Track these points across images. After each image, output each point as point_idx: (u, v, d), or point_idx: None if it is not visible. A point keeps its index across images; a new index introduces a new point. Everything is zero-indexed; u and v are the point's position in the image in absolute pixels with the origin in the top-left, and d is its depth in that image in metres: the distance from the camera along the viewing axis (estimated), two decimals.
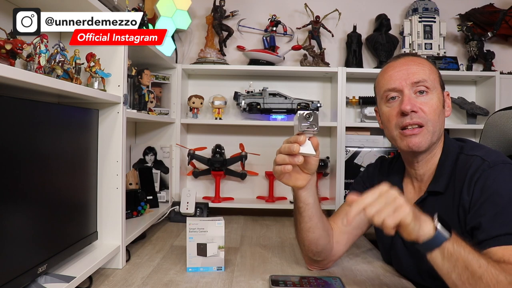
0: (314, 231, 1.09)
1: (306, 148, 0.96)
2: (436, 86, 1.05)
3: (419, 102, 1.02)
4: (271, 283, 1.04)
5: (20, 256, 0.82)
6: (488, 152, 1.01)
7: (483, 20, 2.16)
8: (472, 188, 0.95)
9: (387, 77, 1.07)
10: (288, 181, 1.02)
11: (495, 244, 0.86)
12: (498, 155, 1.00)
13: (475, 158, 0.99)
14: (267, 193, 2.14)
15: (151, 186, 1.84)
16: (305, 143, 0.96)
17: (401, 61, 1.08)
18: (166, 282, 1.08)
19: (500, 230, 0.86)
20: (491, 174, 0.94)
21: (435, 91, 1.04)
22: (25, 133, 0.84)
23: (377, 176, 1.23)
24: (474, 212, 0.93)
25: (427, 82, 1.03)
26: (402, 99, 1.03)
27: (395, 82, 1.05)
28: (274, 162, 1.00)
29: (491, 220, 0.89)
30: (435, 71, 1.08)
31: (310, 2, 2.16)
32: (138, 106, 1.57)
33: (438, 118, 1.03)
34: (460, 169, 1.01)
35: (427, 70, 1.05)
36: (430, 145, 1.04)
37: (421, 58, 1.10)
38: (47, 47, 0.91)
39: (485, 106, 2.09)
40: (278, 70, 2.10)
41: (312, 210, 1.07)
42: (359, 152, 2.07)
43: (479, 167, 0.96)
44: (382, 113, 1.11)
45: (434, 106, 1.02)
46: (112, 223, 1.22)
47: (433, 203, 1.03)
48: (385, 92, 1.07)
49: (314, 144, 0.97)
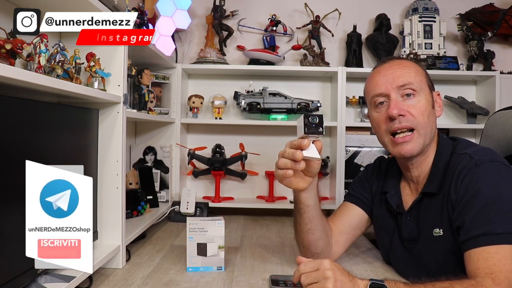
0: (314, 233, 1.09)
1: (310, 152, 0.94)
2: (423, 87, 1.04)
3: (407, 105, 1.01)
4: (271, 283, 1.04)
5: (20, 256, 0.82)
6: (477, 150, 1.00)
7: (483, 19, 2.16)
8: (458, 186, 0.95)
9: (373, 83, 1.08)
10: (290, 184, 1.02)
11: (473, 246, 0.87)
12: (486, 153, 0.99)
13: (464, 156, 0.99)
14: (267, 193, 2.14)
15: (151, 186, 1.84)
16: (309, 147, 0.94)
17: (386, 65, 1.09)
18: (166, 282, 1.08)
19: (478, 230, 0.87)
20: (477, 172, 0.94)
21: (422, 93, 1.04)
22: (25, 133, 0.84)
23: (375, 178, 1.23)
24: (458, 211, 0.94)
25: (413, 84, 1.02)
26: (389, 103, 1.03)
27: (381, 87, 1.05)
28: (276, 165, 0.99)
29: (472, 219, 0.89)
30: (421, 72, 1.07)
31: (310, 2, 2.16)
32: (138, 105, 1.57)
33: (427, 119, 1.02)
34: (451, 168, 1.01)
35: (413, 72, 1.05)
36: (423, 148, 1.03)
37: (406, 61, 1.10)
38: (47, 47, 0.91)
39: (485, 106, 2.09)
40: (278, 70, 2.10)
41: (312, 212, 1.07)
42: (359, 152, 2.07)
43: (466, 165, 0.96)
44: (371, 119, 1.11)
45: (422, 108, 1.02)
46: (112, 222, 1.22)
47: (428, 204, 1.04)
48: (373, 98, 1.07)
49: (318, 147, 0.96)
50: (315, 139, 0.96)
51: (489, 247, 0.85)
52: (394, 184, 1.15)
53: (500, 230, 0.85)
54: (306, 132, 0.93)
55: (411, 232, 1.07)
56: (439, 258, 1.00)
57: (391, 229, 1.14)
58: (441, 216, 0.99)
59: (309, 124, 0.93)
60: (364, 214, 1.22)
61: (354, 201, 1.23)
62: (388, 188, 1.16)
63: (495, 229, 0.86)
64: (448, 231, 0.97)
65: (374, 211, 1.21)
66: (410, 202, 1.10)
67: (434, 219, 1.01)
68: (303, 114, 0.94)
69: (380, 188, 1.19)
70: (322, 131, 0.93)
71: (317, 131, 0.93)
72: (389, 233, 1.15)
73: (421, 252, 1.05)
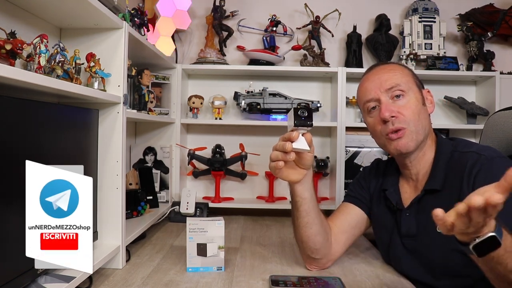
0: (312, 227, 1.10)
1: (300, 144, 0.98)
2: (411, 87, 1.09)
3: (397, 107, 1.06)
4: (271, 283, 1.04)
5: (20, 256, 0.82)
6: (482, 148, 1.04)
7: (483, 20, 2.16)
8: (472, 181, 0.96)
9: (363, 90, 1.14)
10: (284, 176, 1.05)
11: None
12: (492, 150, 1.03)
13: (471, 153, 1.02)
14: (267, 193, 2.14)
15: (151, 186, 1.84)
16: (298, 139, 0.98)
17: (373, 72, 1.15)
18: (166, 282, 1.09)
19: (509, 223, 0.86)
20: (491, 167, 0.96)
21: (411, 92, 1.08)
22: (25, 133, 0.84)
23: (373, 177, 1.25)
24: None
25: (400, 85, 1.07)
26: (380, 107, 1.08)
27: (371, 93, 1.10)
28: (270, 158, 1.03)
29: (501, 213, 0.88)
30: (407, 73, 1.12)
31: (310, 2, 2.16)
32: (138, 106, 1.57)
33: (418, 117, 1.06)
34: (456, 166, 1.03)
35: (399, 74, 1.10)
36: (418, 143, 1.07)
37: (392, 64, 1.16)
38: (47, 47, 0.91)
39: (485, 106, 2.09)
40: (278, 70, 2.10)
41: (309, 204, 1.09)
42: (359, 152, 2.07)
43: (477, 161, 0.98)
44: (367, 124, 1.16)
45: (412, 107, 1.06)
46: (112, 223, 1.22)
47: (430, 201, 1.05)
48: (365, 104, 1.13)
49: (308, 139, 0.99)
50: (305, 131, 0.99)
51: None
52: (393, 182, 1.18)
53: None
54: (295, 124, 0.97)
55: (410, 228, 1.09)
56: (443, 254, 1.01)
57: (390, 226, 1.15)
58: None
59: (299, 117, 0.96)
60: (363, 214, 1.24)
61: (353, 201, 1.25)
62: (387, 185, 1.19)
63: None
64: None
65: (373, 209, 1.22)
66: (409, 199, 1.12)
67: None
68: (293, 107, 0.96)
69: (379, 186, 1.22)
70: (311, 124, 0.97)
71: (306, 123, 0.96)
72: (388, 230, 1.16)
73: (421, 248, 1.06)
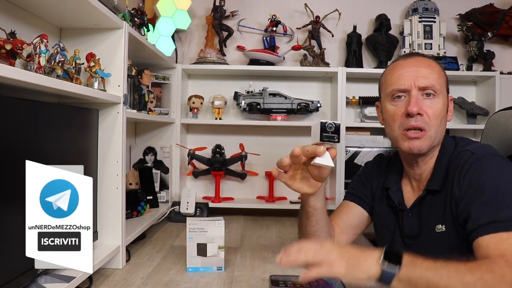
0: (320, 235, 1.09)
1: (324, 159, 0.93)
2: (443, 90, 1.05)
3: (425, 105, 1.02)
4: (271, 283, 1.04)
5: (20, 256, 0.82)
6: (478, 147, 1.02)
7: (483, 20, 2.16)
8: (461, 181, 0.96)
9: (396, 76, 1.06)
10: (297, 188, 1.01)
11: (483, 233, 0.86)
12: (487, 148, 1.01)
13: (465, 152, 1.01)
14: (267, 193, 2.14)
15: (151, 186, 1.84)
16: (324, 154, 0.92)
17: (411, 61, 1.07)
18: (166, 282, 1.08)
19: (486, 218, 0.87)
20: (479, 166, 0.95)
21: (442, 96, 1.05)
22: (25, 133, 0.84)
23: (375, 174, 1.23)
24: (464, 204, 0.94)
25: (435, 86, 1.03)
26: (409, 100, 1.03)
27: (405, 83, 1.03)
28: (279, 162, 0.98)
29: (478, 209, 0.89)
30: (443, 75, 1.08)
31: (310, 2, 2.16)
32: (138, 106, 1.57)
33: (440, 123, 1.04)
34: (453, 165, 1.02)
35: (436, 74, 1.05)
36: (431, 148, 1.05)
37: (431, 60, 1.09)
38: (47, 47, 0.91)
39: (485, 106, 2.09)
40: (278, 70, 2.10)
41: (319, 214, 1.07)
42: (359, 152, 2.07)
43: (467, 160, 0.98)
44: (385, 111, 1.10)
45: (438, 111, 1.03)
46: (112, 223, 1.22)
47: (431, 201, 1.04)
48: (393, 91, 1.06)
49: (333, 155, 0.94)
50: (330, 146, 0.94)
51: (500, 233, 0.84)
52: (396, 181, 1.16)
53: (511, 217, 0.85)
54: (321, 139, 0.91)
55: (413, 229, 1.08)
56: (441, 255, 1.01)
57: (393, 226, 1.14)
58: (444, 213, 1.00)
59: (326, 131, 0.91)
60: (364, 212, 1.22)
61: (354, 200, 1.23)
62: (390, 184, 1.16)
63: (505, 216, 0.85)
64: (451, 227, 0.98)
65: (375, 208, 1.21)
66: (411, 200, 1.10)
67: (437, 216, 1.02)
68: (320, 121, 0.92)
69: (382, 184, 1.19)
70: (338, 139, 0.92)
71: (333, 139, 0.91)
72: (390, 229, 1.15)
73: (422, 248, 1.06)
